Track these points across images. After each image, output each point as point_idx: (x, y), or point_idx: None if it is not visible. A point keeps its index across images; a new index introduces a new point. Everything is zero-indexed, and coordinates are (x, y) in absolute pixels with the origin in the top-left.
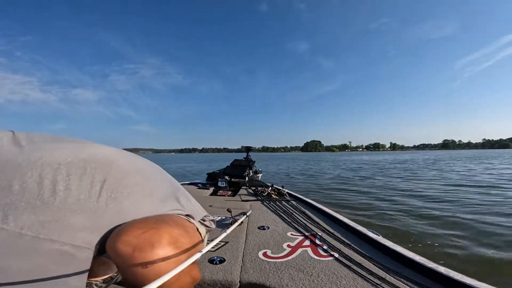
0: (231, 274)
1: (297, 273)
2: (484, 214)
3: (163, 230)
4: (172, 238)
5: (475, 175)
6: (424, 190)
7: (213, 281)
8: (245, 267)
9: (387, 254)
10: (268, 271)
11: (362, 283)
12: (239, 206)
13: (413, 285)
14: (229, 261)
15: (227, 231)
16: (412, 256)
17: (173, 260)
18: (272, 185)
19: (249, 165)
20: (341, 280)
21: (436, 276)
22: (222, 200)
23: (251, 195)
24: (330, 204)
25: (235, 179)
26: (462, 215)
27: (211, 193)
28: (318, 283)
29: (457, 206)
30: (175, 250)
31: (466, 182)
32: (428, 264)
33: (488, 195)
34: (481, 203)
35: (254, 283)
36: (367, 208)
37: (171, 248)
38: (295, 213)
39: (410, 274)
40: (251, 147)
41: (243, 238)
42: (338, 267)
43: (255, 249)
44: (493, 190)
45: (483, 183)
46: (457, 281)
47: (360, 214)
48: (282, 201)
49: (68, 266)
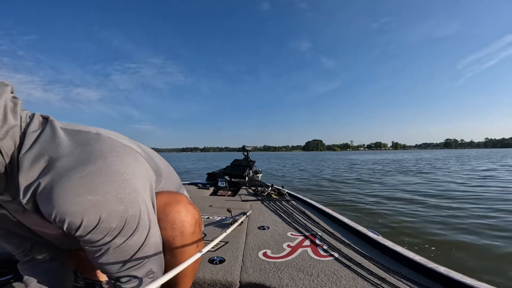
0: (231, 274)
1: (297, 273)
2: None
3: (182, 195)
4: (189, 200)
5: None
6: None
7: (213, 281)
8: (245, 267)
9: (387, 254)
10: (268, 271)
11: (362, 283)
12: (239, 206)
13: (413, 285)
14: (229, 261)
15: (227, 231)
16: (412, 256)
17: (191, 213)
18: (272, 185)
19: (249, 165)
20: (341, 280)
21: (436, 276)
22: (222, 200)
23: (251, 195)
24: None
25: (235, 179)
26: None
27: (211, 193)
28: (318, 283)
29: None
30: (192, 207)
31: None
32: (428, 264)
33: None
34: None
35: (254, 283)
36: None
37: (190, 205)
38: (295, 213)
39: (410, 274)
40: (250, 147)
41: (243, 238)
42: (338, 267)
43: (255, 249)
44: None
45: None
46: (457, 281)
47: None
48: (282, 201)
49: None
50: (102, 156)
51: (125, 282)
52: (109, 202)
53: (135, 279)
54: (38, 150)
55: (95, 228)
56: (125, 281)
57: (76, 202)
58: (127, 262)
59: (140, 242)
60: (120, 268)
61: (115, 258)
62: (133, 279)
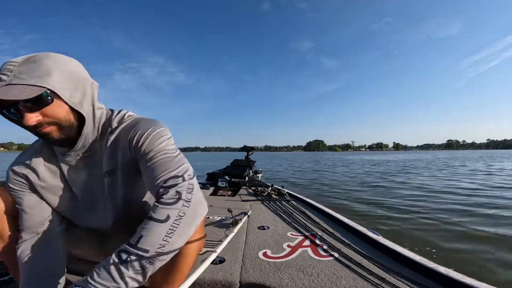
0: (231, 274)
1: (297, 273)
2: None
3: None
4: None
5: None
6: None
7: (213, 281)
8: (245, 267)
9: (387, 254)
10: (268, 271)
11: (362, 283)
12: (239, 206)
13: (413, 285)
14: (229, 261)
15: (233, 230)
16: (412, 256)
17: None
18: (272, 185)
19: (249, 165)
20: (341, 280)
21: (436, 276)
22: (222, 200)
23: (251, 195)
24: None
25: (235, 179)
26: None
27: (211, 193)
28: (318, 283)
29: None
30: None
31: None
32: (428, 264)
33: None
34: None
35: (254, 283)
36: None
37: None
38: (295, 213)
39: (410, 274)
40: (251, 147)
41: (243, 238)
42: (338, 267)
43: (255, 249)
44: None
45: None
46: (457, 281)
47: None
48: (282, 201)
49: None
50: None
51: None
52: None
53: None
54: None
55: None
56: (171, 183)
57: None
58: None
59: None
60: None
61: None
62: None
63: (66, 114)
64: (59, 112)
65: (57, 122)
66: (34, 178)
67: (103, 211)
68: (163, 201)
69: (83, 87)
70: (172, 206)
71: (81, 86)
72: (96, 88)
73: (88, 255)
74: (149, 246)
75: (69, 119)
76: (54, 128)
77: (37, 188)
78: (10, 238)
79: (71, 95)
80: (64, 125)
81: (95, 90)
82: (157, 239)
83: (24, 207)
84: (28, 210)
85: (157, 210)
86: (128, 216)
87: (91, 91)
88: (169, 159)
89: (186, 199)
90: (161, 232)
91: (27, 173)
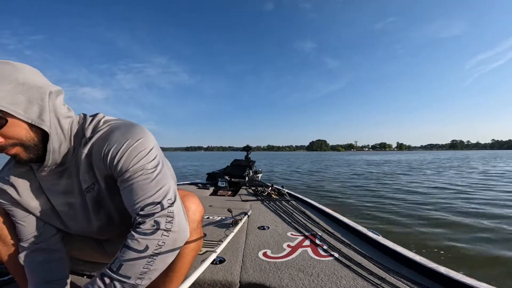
0: (231, 274)
1: (297, 273)
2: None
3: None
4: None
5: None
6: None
7: (213, 281)
8: (245, 267)
9: (387, 254)
10: (268, 271)
11: (362, 283)
12: (239, 206)
13: (413, 285)
14: (229, 261)
15: (233, 230)
16: (412, 256)
17: (201, 207)
18: (272, 185)
19: (249, 165)
20: (341, 280)
21: (436, 276)
22: (222, 200)
23: (251, 195)
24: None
25: (235, 179)
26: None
27: (211, 193)
28: (318, 283)
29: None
30: (200, 203)
31: None
32: (428, 264)
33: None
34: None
35: (254, 283)
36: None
37: (199, 201)
38: (295, 213)
39: (410, 274)
40: (251, 147)
41: (243, 238)
42: (338, 267)
43: (255, 249)
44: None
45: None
46: (457, 281)
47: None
48: (282, 201)
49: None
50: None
51: (148, 212)
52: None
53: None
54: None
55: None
56: (148, 210)
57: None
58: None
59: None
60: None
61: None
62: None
63: (26, 132)
64: (18, 131)
65: (20, 142)
66: (13, 194)
67: (87, 222)
68: (140, 231)
69: (40, 98)
70: (150, 237)
71: (37, 97)
72: (58, 95)
73: (88, 255)
74: (130, 274)
75: (31, 137)
76: (20, 149)
77: (20, 202)
78: (12, 242)
79: (26, 111)
80: (29, 145)
81: (56, 98)
82: (137, 269)
83: (17, 219)
84: (21, 221)
85: (134, 240)
86: (120, 222)
87: (52, 100)
88: (146, 181)
89: (165, 229)
90: (140, 262)
91: (6, 189)
